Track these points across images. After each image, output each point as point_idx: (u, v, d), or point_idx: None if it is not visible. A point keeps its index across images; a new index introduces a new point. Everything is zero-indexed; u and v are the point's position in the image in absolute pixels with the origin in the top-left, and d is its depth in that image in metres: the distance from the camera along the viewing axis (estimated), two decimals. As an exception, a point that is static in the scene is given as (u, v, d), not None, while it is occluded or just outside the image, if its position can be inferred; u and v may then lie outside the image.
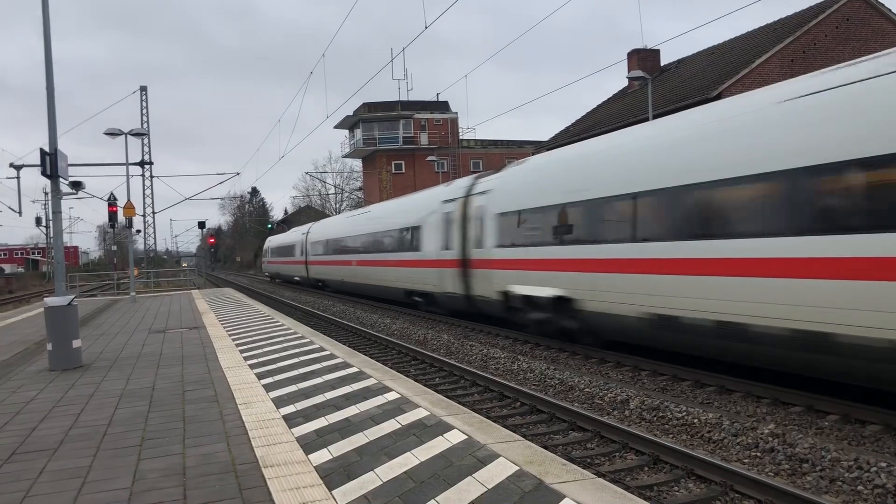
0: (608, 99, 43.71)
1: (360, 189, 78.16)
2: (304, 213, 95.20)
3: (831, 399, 9.45)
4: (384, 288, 27.42)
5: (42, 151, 11.07)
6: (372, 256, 28.77)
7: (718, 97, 26.50)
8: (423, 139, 66.34)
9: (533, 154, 27.03)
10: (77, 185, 29.56)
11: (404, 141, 66.13)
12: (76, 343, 11.29)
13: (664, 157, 11.68)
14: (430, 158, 51.49)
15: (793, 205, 9.14)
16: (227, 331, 15.21)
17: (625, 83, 43.97)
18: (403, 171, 66.42)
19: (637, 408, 10.07)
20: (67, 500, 5.27)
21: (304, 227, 46.90)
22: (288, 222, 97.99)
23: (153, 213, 55.60)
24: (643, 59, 38.86)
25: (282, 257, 53.38)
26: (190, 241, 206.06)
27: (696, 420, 9.18)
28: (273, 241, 61.23)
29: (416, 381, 10.86)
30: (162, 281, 52.60)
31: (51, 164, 11.11)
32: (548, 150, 26.98)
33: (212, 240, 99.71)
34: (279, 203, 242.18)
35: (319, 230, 40.96)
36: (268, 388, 9.11)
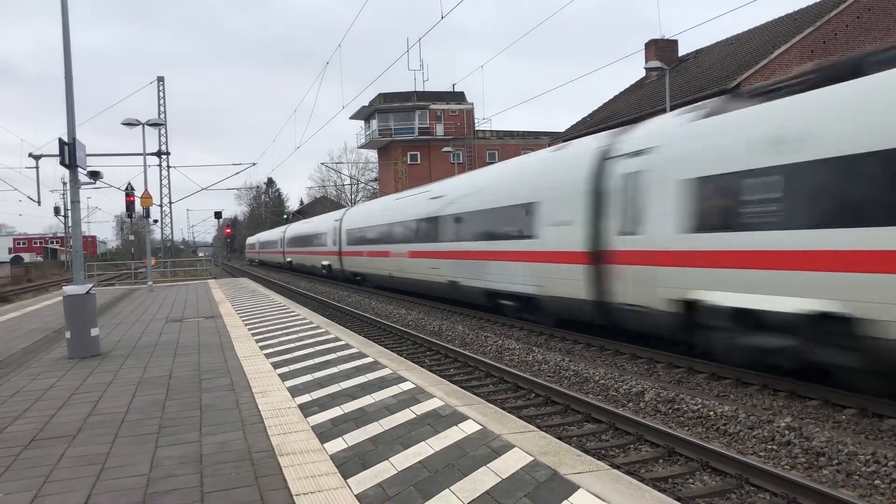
0: (625, 89, 43.46)
1: (376, 180, 77.41)
2: (320, 204, 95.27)
3: (848, 393, 9.39)
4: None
5: (61, 141, 11.14)
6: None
7: (737, 88, 26.27)
8: (439, 130, 65.81)
9: (549, 145, 26.91)
10: (95, 175, 29.73)
11: (420, 132, 65.64)
12: (94, 331, 11.40)
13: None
14: (445, 149, 51.14)
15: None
16: (244, 320, 15.33)
17: (642, 73, 43.69)
18: (419, 162, 65.68)
19: (652, 400, 10.05)
20: (86, 486, 5.33)
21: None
22: (303, 213, 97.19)
23: (170, 202, 56.24)
24: (661, 49, 38.58)
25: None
26: (206, 231, 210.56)
27: (711, 413, 9.15)
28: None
29: (430, 371, 10.91)
30: (179, 270, 52.64)
31: (69, 153, 11.18)
32: (564, 141, 26.71)
33: (228, 230, 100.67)
34: (295, 194, 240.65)
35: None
36: (283, 377, 9.16)
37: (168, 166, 53.57)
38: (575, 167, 14.84)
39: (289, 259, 56.76)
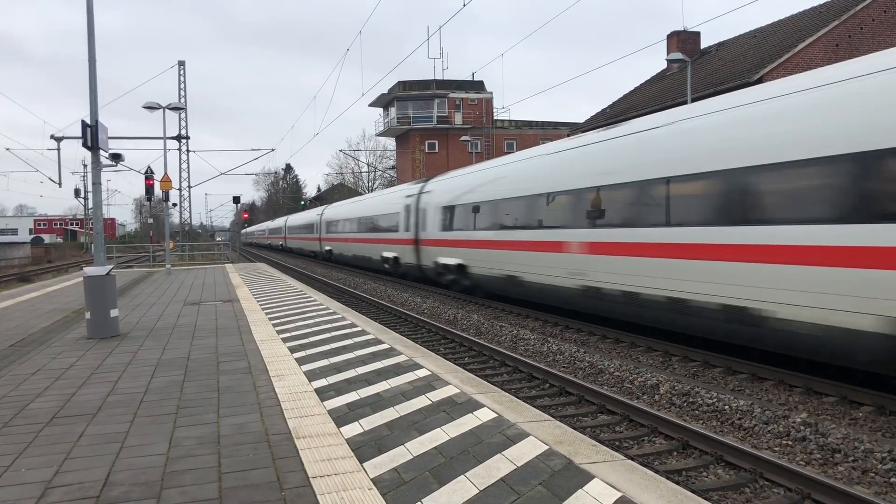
0: (646, 81, 43.18)
1: (393, 168, 76.96)
2: (337, 191, 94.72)
3: (866, 390, 9.34)
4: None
5: (84, 123, 11.22)
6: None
7: (759, 81, 26.04)
8: (458, 119, 65.11)
9: (568, 136, 26.81)
10: (116, 158, 29.83)
11: (438, 120, 64.88)
12: (114, 312, 11.53)
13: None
14: (464, 139, 50.77)
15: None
16: (261, 304, 15.44)
17: (663, 64, 43.37)
18: (437, 150, 65.05)
19: (667, 393, 10.04)
20: (107, 463, 5.42)
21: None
22: (321, 199, 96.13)
23: (189, 187, 56.06)
24: (683, 41, 38.28)
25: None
26: (224, 216, 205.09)
27: (726, 407, 9.14)
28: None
29: (445, 359, 10.94)
30: (196, 255, 52.65)
31: (92, 135, 11.26)
32: (582, 132, 26.43)
33: (246, 215, 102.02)
34: (312, 180, 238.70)
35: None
36: (300, 361, 9.23)
37: (187, 150, 54.12)
38: (408, 195, 28.19)
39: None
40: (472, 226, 20.83)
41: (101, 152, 11.71)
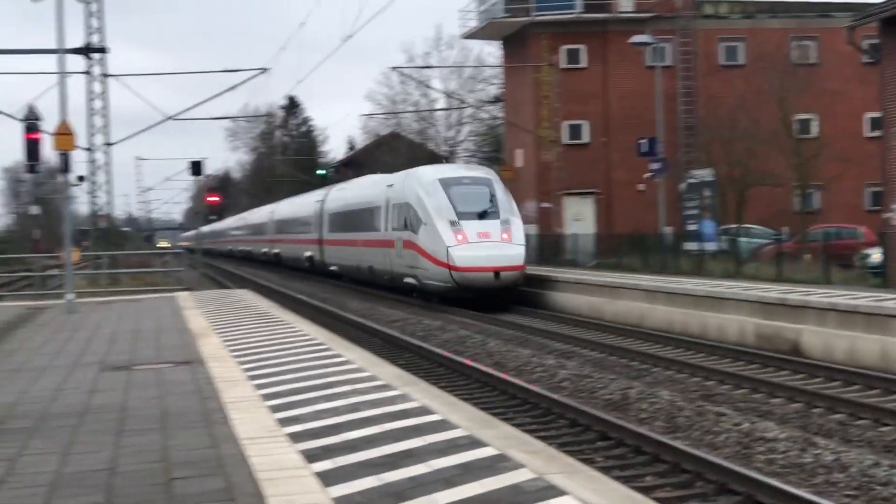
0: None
1: (497, 101, 47.58)
2: (388, 147, 56.53)
3: None
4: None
5: None
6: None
7: None
8: (625, 2, 36.60)
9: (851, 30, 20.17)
10: None
11: (587, 7, 36.16)
12: None
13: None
14: (636, 39, 28.54)
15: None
16: (245, 369, 9.47)
17: None
18: (584, 63, 36.81)
19: None
20: None
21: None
22: (356, 163, 59.87)
23: (107, 143, 30.19)
24: None
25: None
26: (172, 200, 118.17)
27: None
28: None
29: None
30: (122, 274, 29.32)
31: None
32: (882, 20, 19.06)
33: (214, 197, 49.95)
34: (338, 131, 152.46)
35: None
36: (327, 478, 4.90)
37: (103, 75, 29.16)
38: (316, 202, 38.34)
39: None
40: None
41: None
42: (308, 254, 39.06)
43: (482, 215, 23.39)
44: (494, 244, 22.62)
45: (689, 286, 19.47)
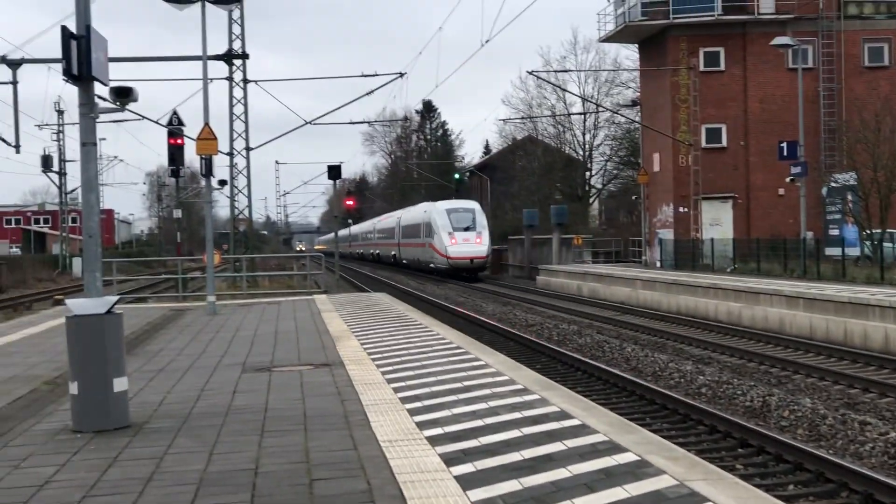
0: None
1: (634, 104, 46.04)
2: (523, 151, 57.82)
3: None
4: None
5: (65, 33, 6.50)
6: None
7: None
8: (766, 4, 34.98)
9: None
10: (123, 95, 8.90)
11: (725, 9, 35.01)
12: (120, 384, 6.75)
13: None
14: (778, 41, 28.16)
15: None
16: (384, 372, 9.47)
17: None
18: (722, 66, 35.66)
19: None
20: None
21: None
22: (492, 167, 63.62)
23: (247, 148, 30.26)
24: None
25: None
26: (310, 204, 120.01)
27: None
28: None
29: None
30: (262, 277, 30.98)
31: (80, 54, 6.44)
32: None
33: (350, 201, 49.27)
34: (474, 135, 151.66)
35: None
36: (466, 482, 4.73)
37: (244, 80, 29.30)
38: (396, 218, 58.91)
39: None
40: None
41: (97, 85, 6.87)
42: (393, 252, 58.26)
43: (467, 229, 42.65)
44: (471, 244, 42.03)
45: (830, 292, 18.43)
